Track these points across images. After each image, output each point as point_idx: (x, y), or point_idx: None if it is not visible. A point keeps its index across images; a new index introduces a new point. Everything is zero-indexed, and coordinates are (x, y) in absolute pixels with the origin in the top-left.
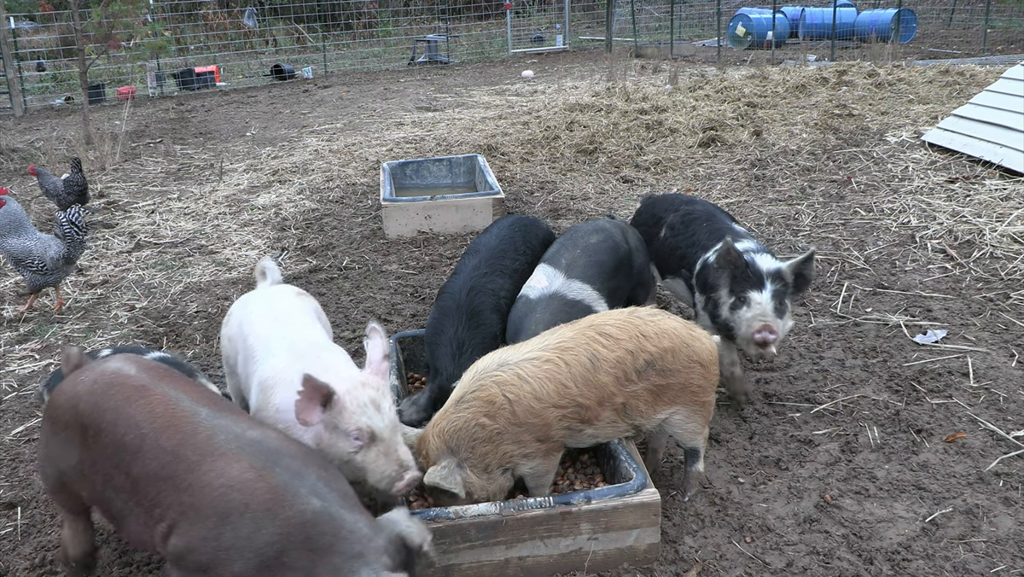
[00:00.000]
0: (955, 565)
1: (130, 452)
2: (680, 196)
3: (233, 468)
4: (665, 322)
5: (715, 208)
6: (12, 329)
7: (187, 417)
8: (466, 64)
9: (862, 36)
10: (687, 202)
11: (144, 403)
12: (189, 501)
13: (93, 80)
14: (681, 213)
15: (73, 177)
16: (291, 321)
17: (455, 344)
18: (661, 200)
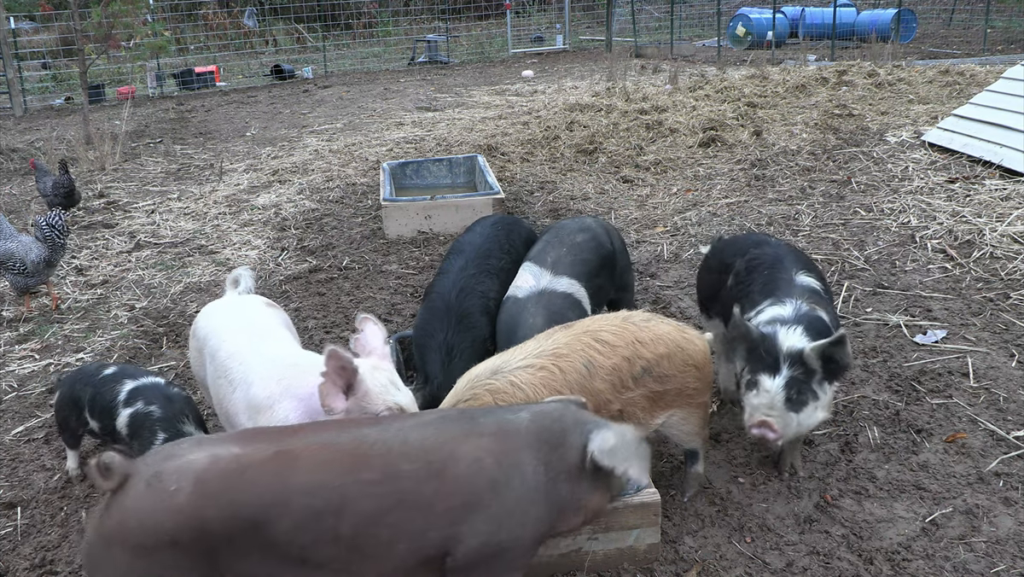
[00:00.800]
0: (955, 565)
1: (332, 513)
2: (750, 237)
3: (459, 447)
4: (659, 327)
5: (787, 251)
6: (12, 329)
7: (362, 444)
8: (466, 64)
9: (862, 36)
10: (756, 244)
11: (304, 463)
12: (447, 505)
13: (93, 80)
14: (747, 258)
15: (60, 179)
16: (267, 336)
17: (444, 349)
18: (730, 244)
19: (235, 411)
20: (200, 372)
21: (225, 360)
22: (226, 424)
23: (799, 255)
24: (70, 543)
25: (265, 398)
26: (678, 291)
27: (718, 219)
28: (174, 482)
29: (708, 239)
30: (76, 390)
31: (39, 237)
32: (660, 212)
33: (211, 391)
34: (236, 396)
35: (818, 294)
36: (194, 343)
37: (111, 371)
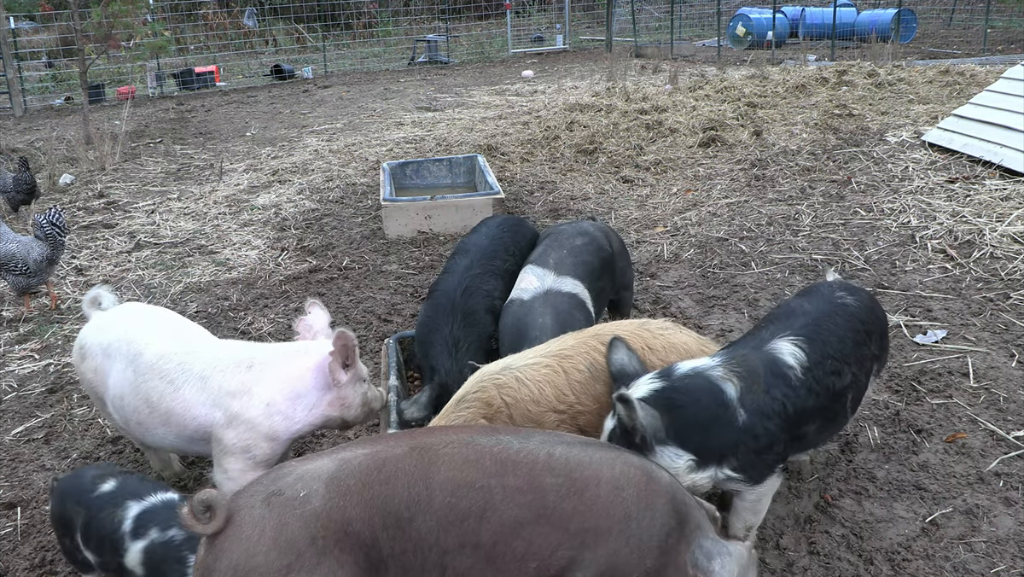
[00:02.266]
0: (955, 565)
1: (475, 516)
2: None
3: (603, 471)
4: (675, 336)
5: (803, 305)
6: (12, 329)
7: (506, 449)
8: (466, 64)
9: (862, 36)
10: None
11: (446, 458)
12: (580, 526)
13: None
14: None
15: (21, 175)
16: (190, 332)
17: (451, 341)
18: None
19: (185, 406)
20: (98, 389)
21: (155, 362)
22: (159, 426)
23: (805, 309)
24: None
25: (239, 384)
26: (678, 291)
27: (718, 219)
28: (302, 489)
29: (831, 264)
30: (67, 508)
31: (39, 236)
32: (660, 212)
33: (127, 400)
34: (185, 392)
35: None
36: (89, 363)
37: (109, 487)
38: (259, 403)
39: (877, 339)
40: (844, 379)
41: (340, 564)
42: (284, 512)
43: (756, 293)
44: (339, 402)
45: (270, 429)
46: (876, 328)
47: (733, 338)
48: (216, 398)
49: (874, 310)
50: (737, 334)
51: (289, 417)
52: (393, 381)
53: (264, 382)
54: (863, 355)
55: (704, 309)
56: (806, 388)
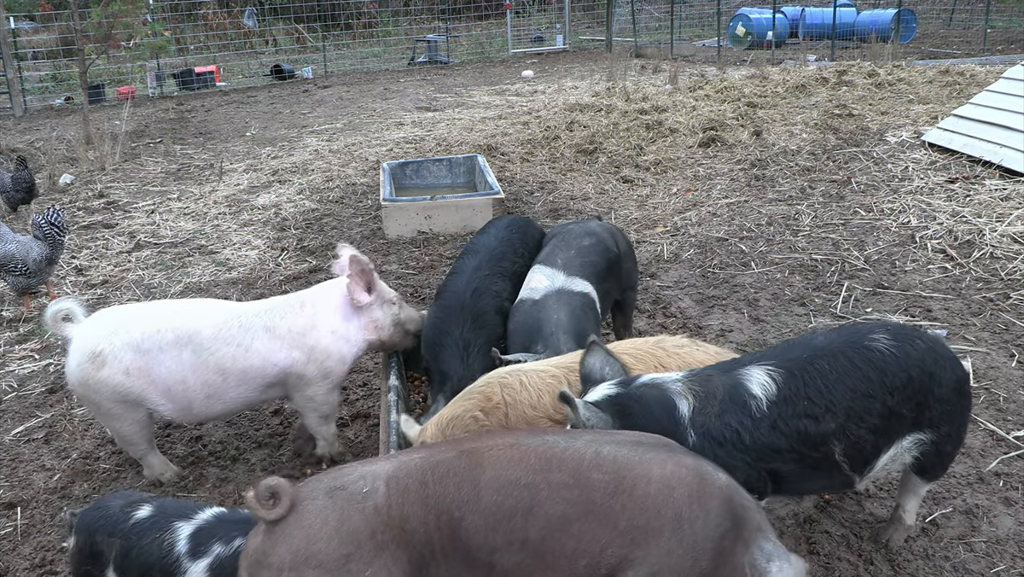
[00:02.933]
0: (955, 565)
1: (521, 513)
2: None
3: (654, 469)
4: (692, 355)
5: (817, 338)
6: (12, 329)
7: (552, 447)
8: (466, 64)
9: (862, 36)
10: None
11: (491, 459)
12: (630, 524)
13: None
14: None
15: (19, 175)
16: (220, 302)
17: (461, 345)
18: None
19: (263, 357)
20: (133, 390)
21: (217, 333)
22: (235, 388)
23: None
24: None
25: (304, 322)
26: (678, 291)
27: (718, 219)
28: (364, 485)
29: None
30: (96, 541)
31: (39, 236)
32: (660, 212)
33: (190, 382)
34: (257, 346)
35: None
36: (113, 367)
37: (146, 512)
38: (327, 332)
39: (911, 400)
40: (823, 426)
41: (395, 560)
42: (346, 505)
43: (756, 293)
44: (372, 325)
45: (339, 352)
46: (913, 388)
47: (733, 338)
48: (291, 340)
49: (920, 366)
50: (737, 334)
51: (349, 340)
52: (393, 381)
53: (322, 315)
54: (868, 409)
55: (704, 309)
56: (769, 424)
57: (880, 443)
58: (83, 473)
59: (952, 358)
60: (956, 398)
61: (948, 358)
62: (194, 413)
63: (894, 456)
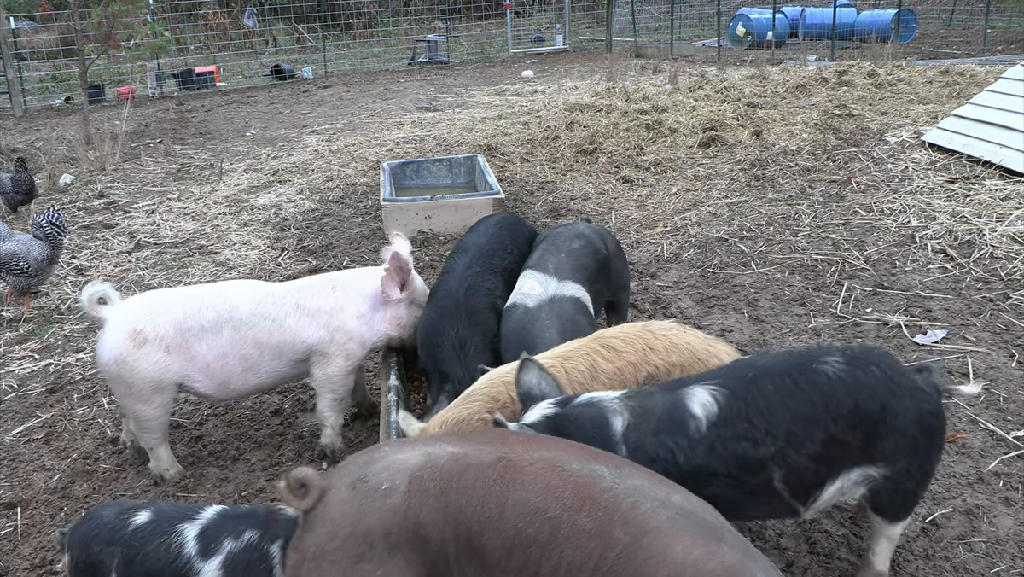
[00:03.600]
0: (955, 565)
1: (539, 546)
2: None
3: (675, 548)
4: (679, 336)
5: (764, 359)
6: (12, 329)
7: (593, 484)
8: (466, 64)
9: (862, 36)
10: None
11: (527, 478)
12: None
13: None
14: None
15: (19, 176)
16: (252, 282)
17: (458, 345)
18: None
19: (294, 333)
20: (171, 368)
21: (255, 309)
22: (271, 361)
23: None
24: None
25: (336, 301)
26: (678, 291)
27: (718, 219)
28: (386, 481)
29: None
30: (93, 553)
31: (39, 235)
32: (660, 212)
33: (229, 357)
34: (290, 322)
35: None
36: (154, 345)
37: (145, 518)
38: (352, 315)
39: (857, 429)
40: (761, 450)
41: (408, 563)
42: (365, 501)
43: (756, 293)
44: (396, 321)
45: (361, 336)
46: (859, 416)
47: (733, 338)
48: (319, 319)
49: (871, 394)
50: (737, 334)
51: (372, 327)
52: (393, 381)
53: (350, 298)
54: (809, 434)
55: (704, 309)
56: (706, 445)
57: (823, 472)
58: (83, 473)
59: (918, 390)
60: (918, 433)
61: (911, 389)
62: (231, 388)
63: (841, 488)
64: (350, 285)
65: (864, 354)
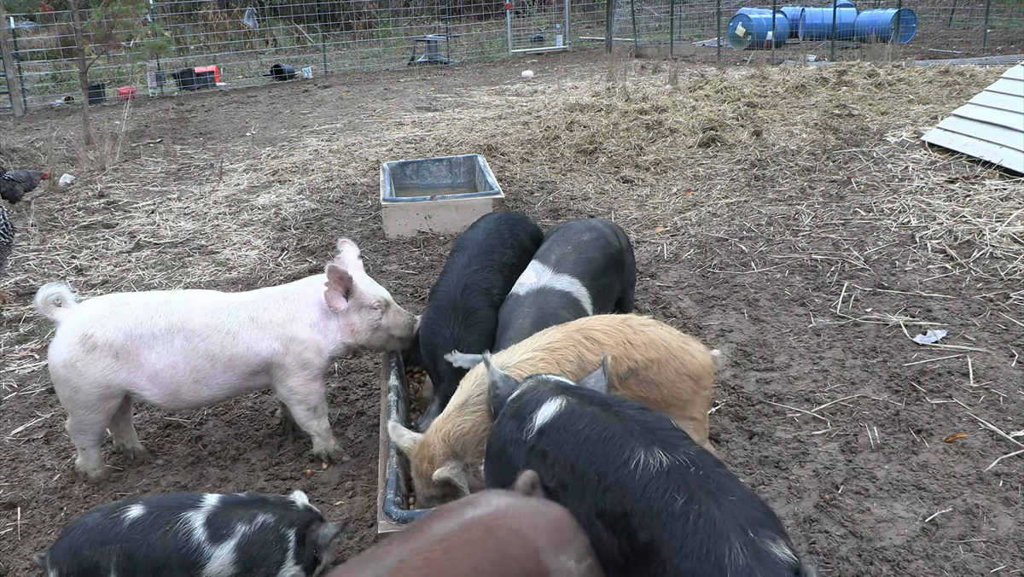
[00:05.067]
0: (955, 565)
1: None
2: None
3: None
4: (656, 332)
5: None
6: (12, 329)
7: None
8: (466, 64)
9: (862, 36)
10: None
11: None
12: None
13: (93, 80)
14: None
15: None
16: (210, 293)
17: (452, 344)
18: None
19: (248, 346)
20: (118, 375)
21: (208, 321)
22: (222, 373)
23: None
24: None
25: (288, 312)
26: (678, 291)
27: (718, 219)
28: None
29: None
30: (86, 557)
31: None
32: (660, 212)
33: (179, 367)
34: (243, 335)
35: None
36: (102, 352)
37: (140, 512)
38: (305, 324)
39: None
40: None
41: None
42: None
43: (756, 293)
44: (348, 328)
45: (316, 344)
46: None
47: (733, 338)
48: (272, 331)
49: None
50: (737, 334)
51: (327, 335)
52: (393, 381)
53: (302, 308)
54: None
55: (704, 309)
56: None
57: None
58: (83, 473)
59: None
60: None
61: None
62: (180, 398)
63: None
64: (301, 295)
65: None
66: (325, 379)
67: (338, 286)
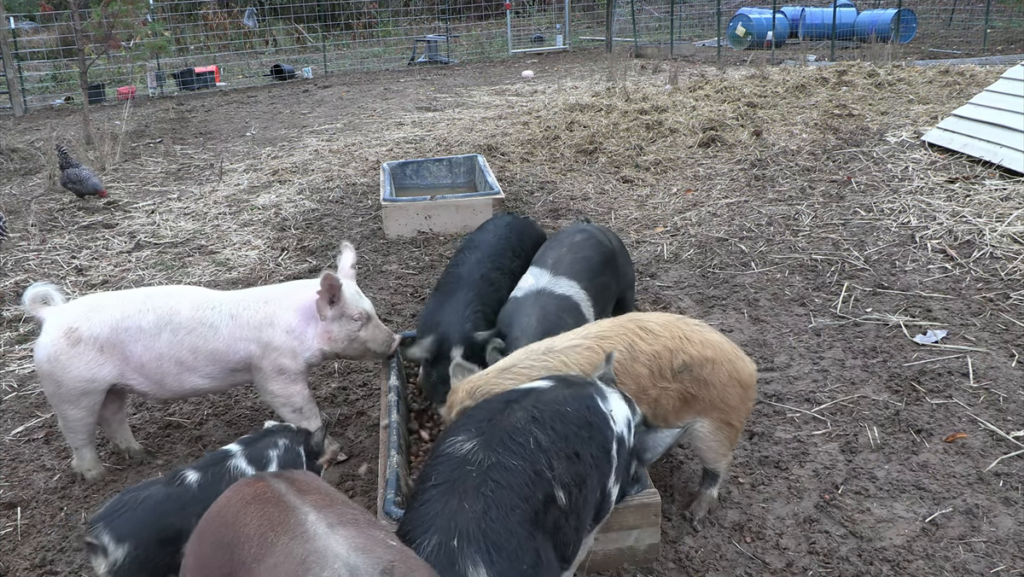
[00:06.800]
0: (955, 565)
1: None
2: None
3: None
4: (711, 334)
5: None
6: (12, 329)
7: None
8: (466, 64)
9: (862, 36)
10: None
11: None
12: None
13: (93, 80)
14: None
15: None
16: (194, 288)
17: (463, 303)
18: None
19: (227, 342)
20: (103, 369)
21: (193, 314)
22: (206, 365)
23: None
24: (70, 543)
25: (266, 316)
26: (678, 291)
27: (718, 219)
28: None
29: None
30: (169, 529)
31: None
32: (660, 212)
33: (165, 359)
34: (223, 331)
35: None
36: (87, 345)
37: (197, 474)
38: (281, 330)
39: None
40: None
41: None
42: None
43: (756, 293)
44: (326, 335)
45: (292, 350)
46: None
47: (733, 338)
48: (249, 332)
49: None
50: (737, 334)
51: (304, 341)
52: (393, 381)
53: (280, 312)
54: None
55: (704, 309)
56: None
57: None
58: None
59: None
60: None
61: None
62: (166, 387)
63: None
64: (281, 299)
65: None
66: (318, 379)
67: (327, 294)
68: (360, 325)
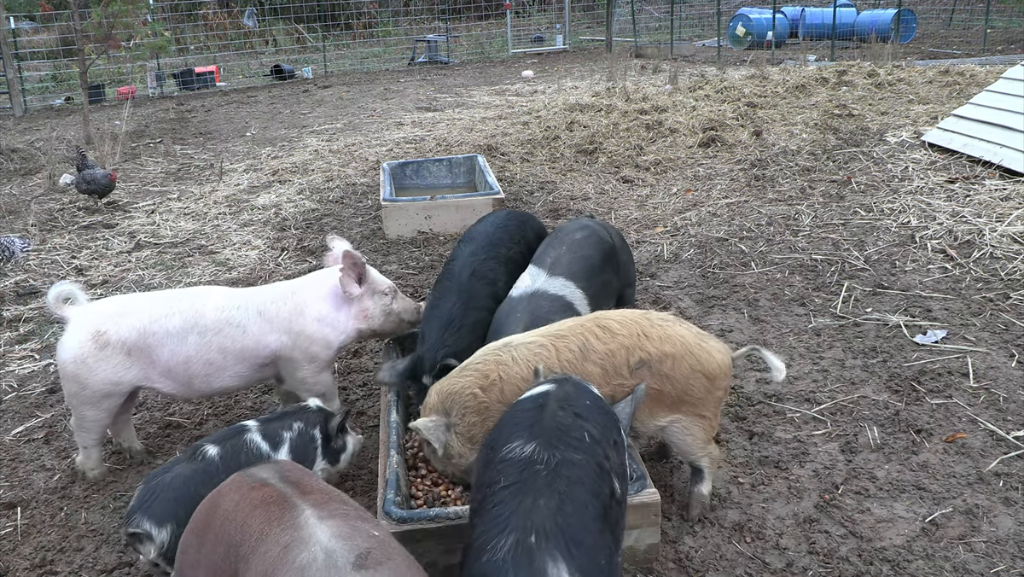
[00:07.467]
0: (955, 565)
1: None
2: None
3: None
4: (673, 328)
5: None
6: (12, 329)
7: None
8: (466, 64)
9: (862, 36)
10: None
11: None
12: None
13: (93, 80)
14: None
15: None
16: (216, 288)
17: (446, 320)
18: None
19: (256, 339)
20: (129, 372)
21: (220, 315)
22: (235, 365)
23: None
24: (70, 543)
25: (295, 306)
26: (678, 291)
27: (718, 219)
28: None
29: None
30: (202, 497)
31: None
32: (660, 212)
33: (193, 361)
34: (252, 328)
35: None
36: (114, 348)
37: (217, 448)
38: (312, 319)
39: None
40: None
41: None
42: None
43: (756, 293)
44: (362, 314)
45: (324, 338)
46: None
47: (733, 338)
48: (279, 325)
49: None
50: (737, 334)
51: (336, 327)
52: None
53: (309, 302)
54: None
55: (704, 309)
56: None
57: None
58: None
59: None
60: None
61: None
62: (193, 388)
63: None
64: (308, 289)
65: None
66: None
67: (352, 272)
68: (391, 298)
